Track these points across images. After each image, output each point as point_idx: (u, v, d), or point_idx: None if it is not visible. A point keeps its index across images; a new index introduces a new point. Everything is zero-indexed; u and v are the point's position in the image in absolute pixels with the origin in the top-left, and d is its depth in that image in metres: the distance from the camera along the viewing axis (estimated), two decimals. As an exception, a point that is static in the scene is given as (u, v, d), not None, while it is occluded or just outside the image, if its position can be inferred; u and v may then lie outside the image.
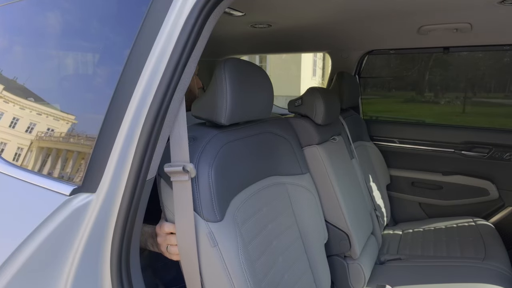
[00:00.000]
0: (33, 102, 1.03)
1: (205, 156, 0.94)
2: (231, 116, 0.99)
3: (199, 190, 0.90)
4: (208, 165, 0.93)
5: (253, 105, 1.09)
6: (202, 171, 0.92)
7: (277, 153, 1.26)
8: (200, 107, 1.03)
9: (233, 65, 1.00)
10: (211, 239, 0.88)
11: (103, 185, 0.78)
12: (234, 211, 0.98)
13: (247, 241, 0.99)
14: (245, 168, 1.08)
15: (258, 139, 1.18)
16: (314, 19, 1.50)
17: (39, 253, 0.75)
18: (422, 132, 2.26)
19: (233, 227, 0.95)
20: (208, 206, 0.90)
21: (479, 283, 1.42)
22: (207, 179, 0.92)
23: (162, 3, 0.78)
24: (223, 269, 0.89)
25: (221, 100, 0.97)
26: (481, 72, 2.47)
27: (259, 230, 1.06)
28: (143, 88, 0.77)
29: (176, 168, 0.86)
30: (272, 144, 1.25)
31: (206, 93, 1.02)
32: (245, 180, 1.08)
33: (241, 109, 1.03)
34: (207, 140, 0.98)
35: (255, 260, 1.00)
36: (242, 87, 1.02)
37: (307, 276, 1.24)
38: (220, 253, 0.89)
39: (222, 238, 0.90)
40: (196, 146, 0.96)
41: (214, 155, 0.96)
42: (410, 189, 2.29)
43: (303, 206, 1.31)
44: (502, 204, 2.08)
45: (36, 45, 1.09)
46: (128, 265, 0.82)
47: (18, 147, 1.02)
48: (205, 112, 1.02)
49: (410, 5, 1.25)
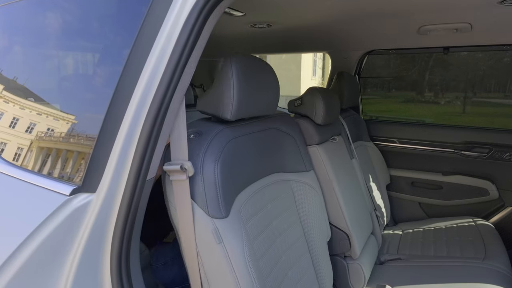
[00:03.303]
0: (33, 102, 1.03)
1: (211, 151, 0.93)
2: (237, 111, 0.98)
3: (204, 185, 0.89)
4: (214, 160, 0.92)
5: (260, 101, 1.08)
6: (208, 167, 0.90)
7: (282, 149, 1.25)
8: (206, 102, 1.02)
9: (240, 60, 0.99)
10: (216, 236, 0.87)
11: (103, 185, 0.78)
12: (239, 208, 0.97)
13: (252, 238, 0.98)
14: (250, 164, 1.07)
15: (263, 135, 1.17)
16: (314, 19, 1.49)
17: (39, 253, 0.75)
18: (422, 132, 2.26)
19: (238, 223, 0.94)
20: (213, 202, 0.89)
21: (479, 283, 1.42)
22: (212, 174, 0.90)
23: (162, 3, 0.78)
24: (228, 266, 0.88)
25: (228, 95, 0.96)
26: (481, 72, 2.47)
27: (263, 227, 1.06)
28: (143, 88, 0.77)
29: (174, 167, 0.86)
30: (277, 140, 1.24)
31: (212, 88, 1.00)
32: (250, 176, 1.07)
33: (248, 104, 1.02)
34: (213, 135, 0.97)
35: (260, 257, 1.00)
36: (249, 82, 1.01)
37: (309, 274, 1.24)
38: (225, 250, 0.88)
39: (227, 235, 0.89)
40: (201, 141, 0.95)
41: (220, 151, 0.95)
42: (410, 189, 2.29)
43: (307, 203, 1.30)
44: (502, 204, 2.08)
45: (36, 45, 1.09)
46: (128, 265, 0.82)
47: (18, 147, 1.02)
48: (211, 107, 1.00)
49: (410, 5, 1.25)
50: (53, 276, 0.76)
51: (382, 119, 2.57)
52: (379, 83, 2.77)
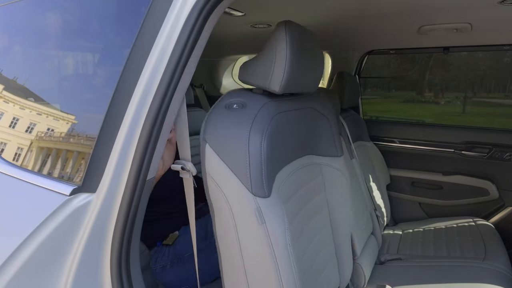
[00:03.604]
0: (33, 102, 1.03)
1: (258, 125, 0.86)
2: (287, 85, 0.92)
3: (249, 160, 0.82)
4: (261, 134, 0.86)
5: (309, 76, 1.01)
6: (254, 141, 0.84)
7: (316, 131, 1.18)
8: (252, 72, 0.95)
9: (295, 28, 0.92)
10: (259, 216, 0.81)
11: (103, 185, 0.78)
12: (278, 187, 0.91)
13: (290, 220, 0.93)
14: (290, 143, 1.01)
15: (302, 113, 1.09)
16: (314, 19, 1.49)
17: (39, 253, 0.75)
18: (422, 132, 2.26)
19: (279, 204, 0.87)
20: (257, 179, 0.83)
21: (479, 283, 1.42)
22: (259, 149, 0.84)
23: (162, 3, 0.78)
24: (269, 249, 0.81)
25: (279, 67, 0.89)
26: (481, 72, 2.47)
27: (298, 208, 1.01)
28: (143, 88, 0.77)
29: (176, 166, 0.88)
30: (313, 121, 1.16)
31: (259, 57, 0.94)
32: (288, 156, 1.01)
33: (297, 79, 0.95)
34: (258, 108, 0.90)
35: (296, 240, 0.95)
36: (302, 54, 0.94)
37: (333, 261, 1.20)
38: (267, 232, 0.82)
39: (269, 216, 0.83)
40: (246, 114, 0.88)
41: (267, 125, 0.88)
42: (410, 189, 2.29)
43: (336, 190, 1.24)
44: (502, 204, 2.08)
45: (36, 45, 1.09)
46: (128, 265, 0.82)
47: (18, 147, 1.02)
48: (257, 77, 0.94)
49: (410, 5, 1.25)
50: (53, 276, 0.76)
51: (382, 119, 2.57)
52: (379, 83, 2.77)
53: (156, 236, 1.36)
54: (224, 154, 0.84)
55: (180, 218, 1.38)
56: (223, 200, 0.84)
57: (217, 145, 0.84)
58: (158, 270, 1.29)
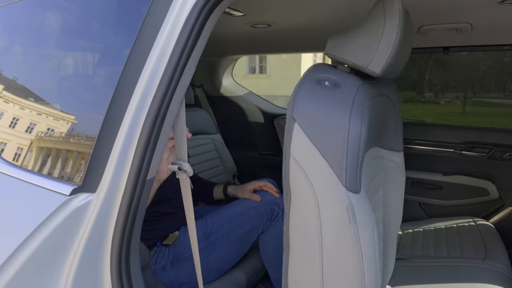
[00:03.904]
0: (33, 102, 1.03)
1: (357, 108, 0.75)
2: (388, 67, 0.81)
3: (347, 148, 0.71)
4: (361, 120, 0.74)
5: (403, 60, 0.90)
6: (355, 126, 0.73)
7: (386, 121, 1.07)
8: (349, 49, 0.84)
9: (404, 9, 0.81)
10: (351, 213, 0.71)
11: (103, 185, 0.78)
12: (362, 180, 0.80)
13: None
14: (371, 131, 0.87)
15: (380, 101, 0.95)
16: (314, 19, 1.49)
17: (39, 253, 0.75)
18: (422, 132, 2.26)
19: (367, 200, 0.77)
20: (353, 172, 0.72)
21: (479, 283, 1.42)
22: (358, 136, 0.72)
23: (162, 3, 0.78)
24: (357, 250, 0.72)
25: (386, 45, 0.79)
26: (481, 72, 2.47)
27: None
28: (143, 88, 0.77)
29: (173, 167, 0.88)
30: (385, 110, 1.02)
31: (359, 33, 0.84)
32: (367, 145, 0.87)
33: (399, 61, 0.85)
34: (355, 90, 0.78)
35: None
36: (408, 37, 0.84)
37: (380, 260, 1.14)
38: (357, 231, 0.72)
39: (360, 213, 0.73)
40: (342, 95, 0.76)
41: (364, 110, 0.76)
42: (410, 189, 2.29)
43: (394, 188, 1.13)
44: (502, 204, 2.08)
45: (36, 45, 1.09)
46: (128, 265, 0.82)
47: (18, 147, 1.02)
48: (355, 55, 0.83)
49: (410, 5, 1.25)
50: (53, 276, 0.76)
51: (382, 119, 2.57)
52: (379, 83, 2.77)
53: (156, 236, 1.36)
54: (316, 137, 0.72)
55: (180, 218, 1.38)
56: (308, 187, 0.73)
57: (308, 125, 0.73)
58: (158, 270, 1.29)
